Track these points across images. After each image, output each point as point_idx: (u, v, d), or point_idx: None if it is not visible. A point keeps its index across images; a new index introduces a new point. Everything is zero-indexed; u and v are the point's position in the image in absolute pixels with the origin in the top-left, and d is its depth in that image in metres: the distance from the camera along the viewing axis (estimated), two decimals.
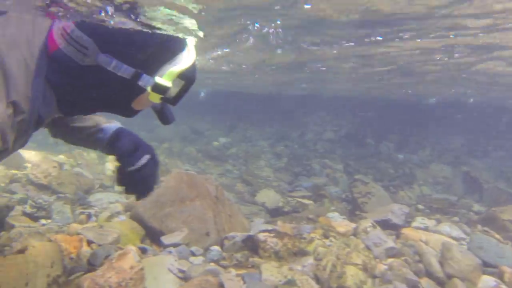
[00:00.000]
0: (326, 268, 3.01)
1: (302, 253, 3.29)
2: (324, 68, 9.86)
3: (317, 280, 2.99)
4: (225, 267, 3.00)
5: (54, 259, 2.40)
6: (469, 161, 11.62)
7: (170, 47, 1.51)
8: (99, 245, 3.01)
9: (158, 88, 1.48)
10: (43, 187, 4.83)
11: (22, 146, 1.51)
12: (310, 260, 3.18)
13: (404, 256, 3.50)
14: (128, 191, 1.88)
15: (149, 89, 1.48)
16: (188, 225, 3.45)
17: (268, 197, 5.98)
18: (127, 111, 1.63)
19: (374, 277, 3.08)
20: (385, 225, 4.62)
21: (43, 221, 3.75)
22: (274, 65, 9.73)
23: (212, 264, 3.06)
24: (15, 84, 1.29)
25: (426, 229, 4.55)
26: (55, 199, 4.35)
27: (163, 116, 1.73)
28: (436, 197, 7.71)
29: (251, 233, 3.60)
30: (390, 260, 3.41)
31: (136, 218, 3.56)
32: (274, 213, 5.59)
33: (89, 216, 3.91)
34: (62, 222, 3.77)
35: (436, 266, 3.29)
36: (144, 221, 3.49)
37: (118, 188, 5.09)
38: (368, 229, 3.95)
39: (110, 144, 1.93)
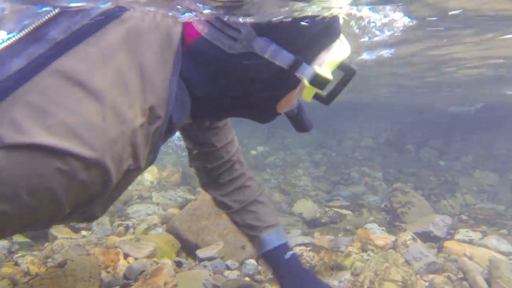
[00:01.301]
0: (364, 285, 2.92)
1: (339, 268, 3.21)
2: None
3: None
4: (259, 282, 2.97)
5: (92, 273, 2.45)
6: None
7: (331, 30, 1.21)
8: (136, 259, 3.06)
9: (318, 81, 1.17)
10: None
11: (151, 162, 1.21)
12: (347, 275, 3.09)
13: (447, 272, 3.33)
14: None
15: (306, 82, 1.19)
16: (223, 238, 3.45)
17: (306, 207, 5.90)
18: (269, 115, 1.32)
19: None
20: (426, 237, 4.44)
21: (83, 232, 3.86)
22: None
23: (247, 278, 3.03)
24: (153, 85, 1.02)
25: (471, 242, 4.33)
26: None
27: (301, 121, 1.43)
28: (481, 206, 7.35)
29: None
30: (431, 276, 3.26)
31: (172, 231, 3.60)
32: (312, 224, 5.50)
33: (127, 228, 3.99)
34: (101, 234, 3.86)
35: (483, 286, 3.10)
36: (180, 234, 3.52)
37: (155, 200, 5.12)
38: (408, 242, 3.81)
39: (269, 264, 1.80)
